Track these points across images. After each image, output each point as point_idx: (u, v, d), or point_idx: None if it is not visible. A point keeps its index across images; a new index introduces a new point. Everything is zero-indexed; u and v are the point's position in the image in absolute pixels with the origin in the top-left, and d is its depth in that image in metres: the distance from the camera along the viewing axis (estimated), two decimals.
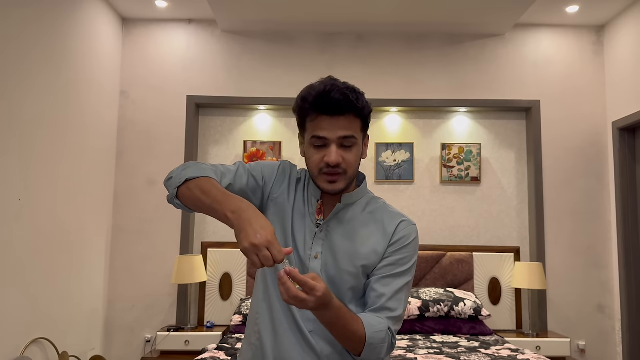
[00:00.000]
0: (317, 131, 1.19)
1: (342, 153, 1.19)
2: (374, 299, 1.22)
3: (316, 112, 1.19)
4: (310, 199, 1.30)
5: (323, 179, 1.21)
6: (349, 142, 1.19)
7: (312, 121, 1.21)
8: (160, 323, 3.74)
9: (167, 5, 3.71)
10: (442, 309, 3.32)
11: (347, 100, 1.17)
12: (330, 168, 1.18)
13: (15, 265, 2.63)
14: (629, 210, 3.66)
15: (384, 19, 3.73)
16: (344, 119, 1.18)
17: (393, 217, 1.28)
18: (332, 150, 1.18)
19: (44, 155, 2.89)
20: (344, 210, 1.28)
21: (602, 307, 3.79)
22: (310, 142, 1.22)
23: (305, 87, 1.24)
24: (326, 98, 1.17)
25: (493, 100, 3.90)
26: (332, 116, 1.18)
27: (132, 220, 3.82)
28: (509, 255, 3.78)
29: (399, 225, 1.26)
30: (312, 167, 1.22)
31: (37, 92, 2.81)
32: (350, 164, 1.20)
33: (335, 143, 1.18)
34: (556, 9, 3.71)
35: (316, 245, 1.25)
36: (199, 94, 3.91)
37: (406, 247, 1.25)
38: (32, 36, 2.76)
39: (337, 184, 1.21)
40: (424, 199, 3.92)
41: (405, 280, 1.24)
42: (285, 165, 1.34)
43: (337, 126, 1.18)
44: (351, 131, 1.19)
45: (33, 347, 2.78)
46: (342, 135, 1.18)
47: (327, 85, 1.19)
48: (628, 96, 3.65)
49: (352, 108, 1.19)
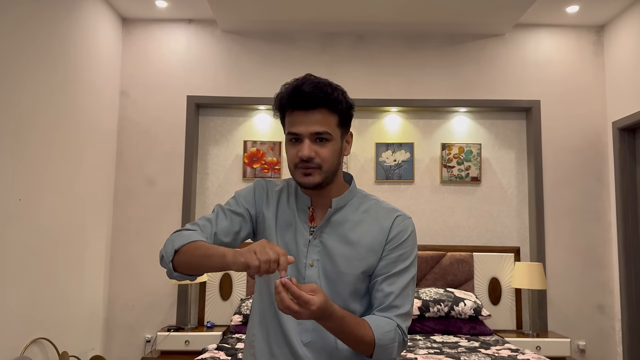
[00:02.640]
0: (291, 127, 1.20)
1: (316, 148, 1.19)
2: (381, 299, 1.21)
3: (291, 107, 1.20)
4: (301, 207, 1.29)
5: (298, 172, 1.21)
6: (323, 137, 1.19)
7: (288, 117, 1.22)
8: (160, 323, 3.74)
9: (167, 5, 3.71)
10: (442, 309, 3.32)
11: (319, 93, 1.17)
12: (304, 162, 1.19)
13: (15, 265, 2.63)
14: (629, 210, 3.66)
15: (384, 19, 3.73)
16: (318, 114, 1.18)
17: (388, 212, 1.28)
18: (304, 144, 1.18)
19: (44, 155, 2.89)
20: (337, 213, 1.27)
21: (602, 307, 3.79)
22: (287, 138, 1.23)
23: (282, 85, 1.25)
24: (298, 92, 1.18)
25: (493, 100, 3.90)
26: (305, 110, 1.18)
27: (132, 220, 3.82)
28: (509, 255, 3.78)
29: (395, 221, 1.25)
30: (289, 163, 1.23)
31: (36, 92, 2.81)
32: (324, 159, 1.19)
33: (308, 138, 1.18)
34: (556, 9, 3.71)
35: (311, 252, 1.24)
36: (199, 94, 3.91)
37: (405, 241, 1.24)
38: (32, 36, 2.76)
39: (311, 177, 1.20)
40: (424, 199, 3.92)
41: (409, 276, 1.24)
42: (258, 184, 1.34)
43: (310, 121, 1.18)
44: (325, 127, 1.19)
45: (33, 347, 2.78)
46: (314, 130, 1.18)
47: (300, 79, 1.20)
48: (628, 96, 3.65)
49: (325, 101, 1.18)
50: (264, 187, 1.34)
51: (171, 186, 3.83)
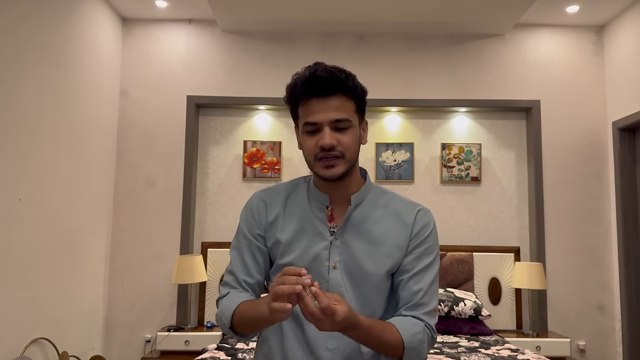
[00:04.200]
0: (308, 116, 1.14)
1: (337, 136, 1.13)
2: (408, 298, 1.18)
3: (305, 96, 1.15)
4: (317, 206, 1.22)
5: (320, 165, 1.14)
6: (343, 125, 1.14)
7: (302, 107, 1.16)
8: (160, 323, 3.74)
9: (167, 5, 3.71)
10: (442, 309, 3.32)
11: (335, 78, 1.13)
12: (326, 152, 1.12)
13: (15, 265, 2.63)
14: (629, 210, 3.66)
15: (384, 19, 3.73)
16: (335, 100, 1.13)
17: (408, 206, 1.24)
18: (325, 132, 1.12)
19: (44, 155, 2.89)
20: (356, 210, 1.21)
21: (602, 307, 3.78)
22: (303, 130, 1.16)
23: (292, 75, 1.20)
24: (312, 78, 1.13)
25: (493, 100, 3.90)
26: (321, 97, 1.12)
27: (132, 220, 3.82)
28: (509, 255, 3.78)
29: (417, 215, 1.22)
30: (308, 155, 1.16)
31: (36, 92, 2.81)
32: (347, 147, 1.14)
33: (328, 126, 1.13)
34: (556, 9, 3.71)
35: (334, 254, 1.18)
36: (199, 94, 3.91)
37: (429, 236, 1.21)
38: (31, 36, 2.76)
39: (335, 169, 1.14)
40: (424, 199, 3.91)
41: (435, 271, 1.21)
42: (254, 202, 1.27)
43: (329, 108, 1.12)
44: (344, 113, 1.13)
45: (33, 347, 2.78)
46: (334, 118, 1.12)
47: (312, 67, 1.15)
48: (628, 96, 3.65)
49: (342, 86, 1.14)
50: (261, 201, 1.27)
51: (171, 186, 3.83)
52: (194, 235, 3.87)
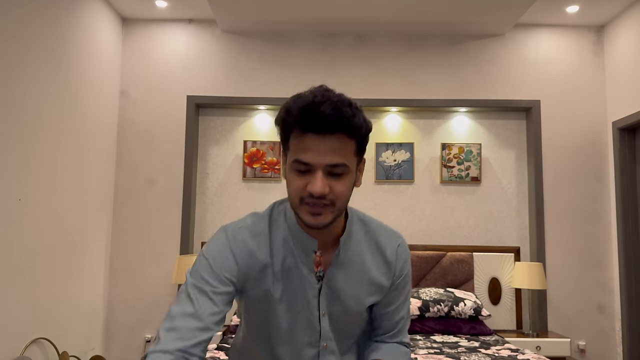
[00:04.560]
0: (300, 154, 0.99)
1: (330, 182, 0.99)
2: (391, 326, 1.23)
3: (301, 128, 0.98)
4: (303, 251, 1.11)
5: (305, 210, 1.01)
6: (339, 170, 0.99)
7: (296, 139, 1.00)
8: (160, 323, 3.73)
9: (167, 5, 3.71)
10: (442, 309, 3.32)
11: (340, 117, 0.96)
12: (314, 199, 0.99)
13: (15, 265, 2.63)
14: (629, 210, 3.66)
15: (384, 19, 3.73)
16: (335, 140, 0.97)
17: (388, 240, 1.18)
18: (317, 177, 0.98)
19: (44, 155, 2.89)
20: (346, 251, 1.13)
21: (602, 307, 3.78)
22: (292, 166, 1.01)
23: (292, 96, 1.03)
24: (315, 112, 0.96)
25: (493, 100, 3.90)
26: (320, 134, 0.97)
27: (132, 220, 3.82)
28: (509, 255, 3.78)
29: (398, 251, 1.18)
30: (293, 195, 1.02)
31: (36, 92, 2.81)
32: (338, 195, 1.00)
33: (321, 170, 0.98)
34: (556, 9, 3.71)
35: (322, 300, 1.13)
36: (199, 94, 3.91)
37: (408, 270, 1.22)
38: (32, 36, 2.76)
39: (321, 217, 1.01)
40: (424, 199, 3.92)
41: (409, 298, 1.26)
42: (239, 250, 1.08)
43: (325, 149, 0.97)
44: (342, 157, 0.98)
45: (33, 347, 2.78)
46: (329, 162, 0.98)
47: (318, 95, 0.98)
48: (628, 96, 3.65)
49: (346, 126, 0.97)
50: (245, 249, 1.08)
51: (171, 186, 3.83)
52: (194, 235, 3.87)
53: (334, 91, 1.00)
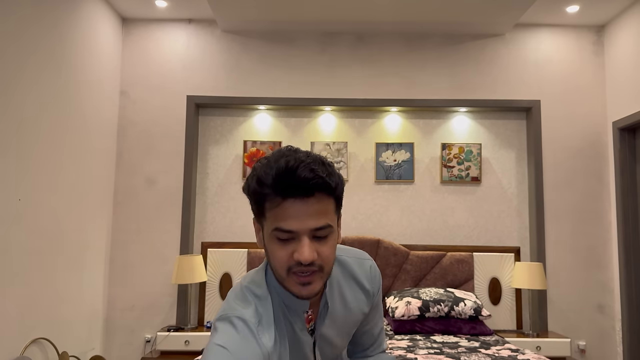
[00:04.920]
0: (281, 221, 0.94)
1: (316, 246, 0.96)
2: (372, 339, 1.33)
3: (279, 195, 0.94)
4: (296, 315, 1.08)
5: (293, 281, 0.97)
6: (324, 233, 0.96)
7: (273, 208, 0.95)
8: (160, 323, 3.74)
9: (167, 5, 3.71)
10: (442, 309, 3.32)
11: (317, 178, 0.93)
12: (303, 267, 0.95)
13: (15, 265, 2.63)
14: (629, 210, 3.66)
15: (384, 19, 3.73)
16: (315, 202, 0.94)
17: (359, 266, 1.18)
18: (303, 245, 0.94)
19: (44, 155, 2.89)
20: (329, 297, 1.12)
21: (602, 307, 3.79)
22: (272, 236, 0.96)
23: (258, 162, 0.99)
24: (292, 177, 0.92)
25: (493, 100, 3.90)
26: (300, 198, 0.93)
27: (132, 220, 3.82)
28: (509, 255, 3.78)
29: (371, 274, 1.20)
30: (279, 267, 0.97)
31: (37, 92, 2.81)
32: (326, 259, 0.97)
33: (306, 235, 0.95)
34: (556, 9, 3.71)
35: (317, 350, 1.15)
36: (199, 93, 3.91)
37: (380, 287, 1.26)
38: (32, 36, 2.76)
39: (312, 286, 0.97)
40: (424, 199, 3.92)
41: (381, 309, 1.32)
42: (254, 353, 0.96)
43: (308, 213, 0.93)
44: (325, 219, 0.96)
45: (33, 347, 2.78)
46: (315, 226, 0.94)
47: (290, 159, 0.94)
48: (628, 96, 3.65)
49: (324, 186, 0.95)
50: (261, 349, 0.98)
51: (171, 186, 3.83)
52: (194, 235, 3.87)
53: (301, 150, 0.98)
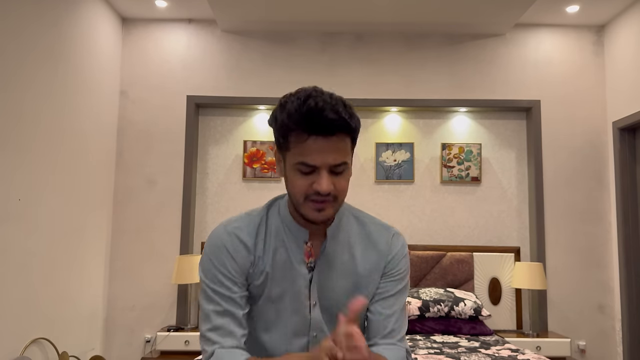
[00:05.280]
0: (304, 156, 1.04)
1: (333, 180, 1.06)
2: (381, 323, 1.17)
3: (304, 131, 1.03)
4: (294, 242, 1.16)
5: (309, 206, 1.08)
6: (341, 169, 1.07)
7: (298, 142, 1.05)
8: (160, 323, 3.74)
9: (167, 5, 3.71)
10: (442, 309, 3.32)
11: (341, 119, 1.03)
12: (320, 196, 1.06)
13: (15, 265, 2.63)
14: (629, 210, 3.66)
15: (384, 19, 3.73)
16: (336, 140, 1.05)
17: (382, 231, 1.22)
18: (322, 177, 1.05)
19: (44, 155, 2.89)
20: (332, 242, 1.18)
21: (602, 307, 3.78)
22: (295, 168, 1.07)
23: (285, 97, 1.08)
24: (319, 116, 1.02)
25: (493, 100, 3.90)
26: (323, 137, 1.03)
27: (132, 220, 3.82)
28: (509, 255, 3.78)
29: (392, 241, 1.21)
30: (297, 194, 1.08)
31: (36, 92, 2.81)
32: (341, 191, 1.09)
33: (326, 169, 1.05)
34: (556, 9, 3.71)
35: (313, 290, 1.16)
36: (199, 93, 3.91)
37: (402, 260, 1.21)
38: (31, 36, 2.76)
39: (325, 212, 1.08)
40: (424, 199, 3.92)
41: (405, 298, 1.21)
42: (229, 246, 1.14)
43: (329, 150, 1.04)
44: (343, 157, 1.06)
45: (33, 347, 2.78)
46: (334, 162, 1.05)
47: (318, 100, 1.03)
48: (628, 96, 3.65)
49: (345, 127, 1.05)
50: (238, 245, 1.15)
51: (171, 186, 3.83)
52: (194, 235, 3.87)
53: (325, 91, 1.07)
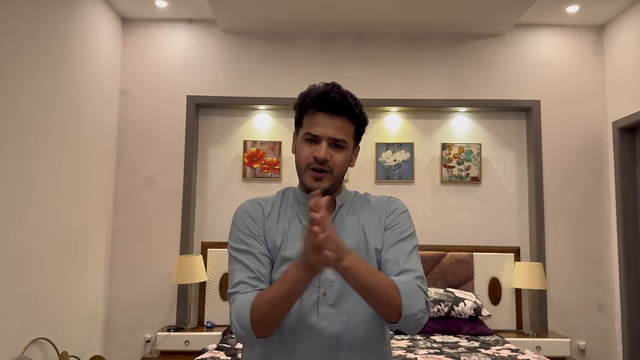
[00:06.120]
0: (311, 128, 1.26)
1: (331, 152, 1.25)
2: (392, 267, 1.24)
3: (314, 108, 1.27)
4: (305, 212, 1.30)
5: (309, 174, 1.26)
6: (340, 144, 1.26)
7: (309, 117, 1.28)
8: (160, 323, 3.74)
9: (167, 5, 3.71)
10: (442, 309, 3.32)
11: (345, 102, 1.25)
12: (318, 164, 1.24)
13: (15, 265, 2.63)
14: (629, 210, 3.66)
15: (384, 19, 3.73)
16: (339, 120, 1.26)
17: (379, 199, 1.38)
18: (322, 146, 1.24)
19: (44, 155, 2.89)
20: (341, 210, 1.33)
21: (602, 307, 3.78)
22: (303, 138, 1.28)
23: (309, 86, 1.31)
24: (326, 96, 1.25)
25: (493, 100, 3.90)
26: (328, 114, 1.25)
27: (132, 220, 3.82)
28: (509, 255, 3.78)
29: (388, 202, 1.36)
30: (301, 162, 1.28)
31: (36, 92, 2.81)
32: (337, 164, 1.26)
33: (326, 141, 1.25)
34: (556, 9, 3.71)
35: None
36: (199, 94, 3.91)
37: (401, 215, 1.32)
38: (31, 36, 2.76)
39: (321, 182, 1.25)
40: (424, 199, 3.92)
41: (413, 243, 1.29)
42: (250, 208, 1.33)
43: (332, 125, 1.25)
44: (343, 135, 1.26)
45: (33, 347, 2.78)
46: (333, 136, 1.25)
47: (329, 86, 1.27)
48: (628, 96, 3.65)
49: (349, 110, 1.26)
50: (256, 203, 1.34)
51: (171, 186, 3.83)
52: (194, 235, 3.87)
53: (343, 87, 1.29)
